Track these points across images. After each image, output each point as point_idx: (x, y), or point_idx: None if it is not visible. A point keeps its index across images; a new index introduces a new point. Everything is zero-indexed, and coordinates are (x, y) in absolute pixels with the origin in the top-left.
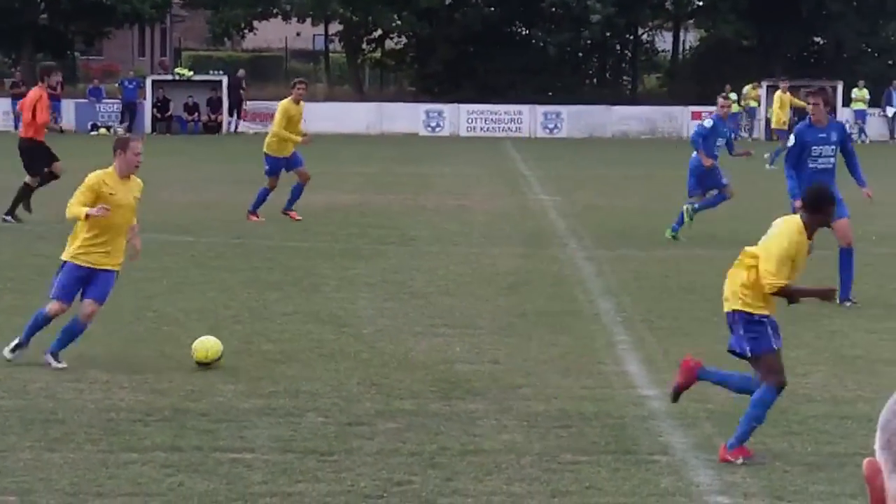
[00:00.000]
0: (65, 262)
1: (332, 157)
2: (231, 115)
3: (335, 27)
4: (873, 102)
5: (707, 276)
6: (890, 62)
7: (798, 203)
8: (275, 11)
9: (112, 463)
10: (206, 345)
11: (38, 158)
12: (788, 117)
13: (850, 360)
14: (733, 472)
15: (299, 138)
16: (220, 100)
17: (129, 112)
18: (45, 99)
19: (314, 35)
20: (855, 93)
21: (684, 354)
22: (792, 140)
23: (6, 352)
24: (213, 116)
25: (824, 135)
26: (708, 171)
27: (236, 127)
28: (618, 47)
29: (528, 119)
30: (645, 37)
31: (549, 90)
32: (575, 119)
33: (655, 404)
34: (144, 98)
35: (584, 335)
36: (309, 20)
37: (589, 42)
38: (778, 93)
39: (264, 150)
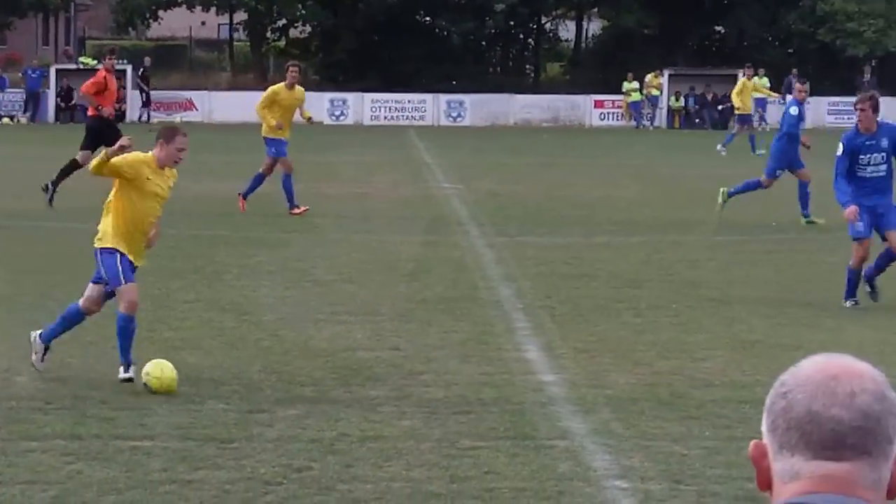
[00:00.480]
0: (113, 249)
1: (235, 146)
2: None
3: (240, 16)
4: (774, 91)
5: (609, 263)
6: (790, 50)
7: (849, 210)
8: (179, 0)
9: (11, 451)
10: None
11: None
12: (750, 104)
13: (749, 345)
14: (631, 457)
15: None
16: (123, 89)
17: (33, 101)
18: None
19: (219, 24)
20: (755, 81)
21: (585, 340)
22: (840, 149)
23: (127, 375)
24: (116, 105)
25: (873, 141)
26: (791, 154)
27: (144, 116)
28: (521, 36)
29: (431, 108)
30: (548, 26)
31: (453, 79)
32: (478, 107)
33: (554, 390)
34: (48, 87)
35: (484, 321)
36: (213, 9)
37: (493, 31)
38: (742, 79)
39: (263, 134)
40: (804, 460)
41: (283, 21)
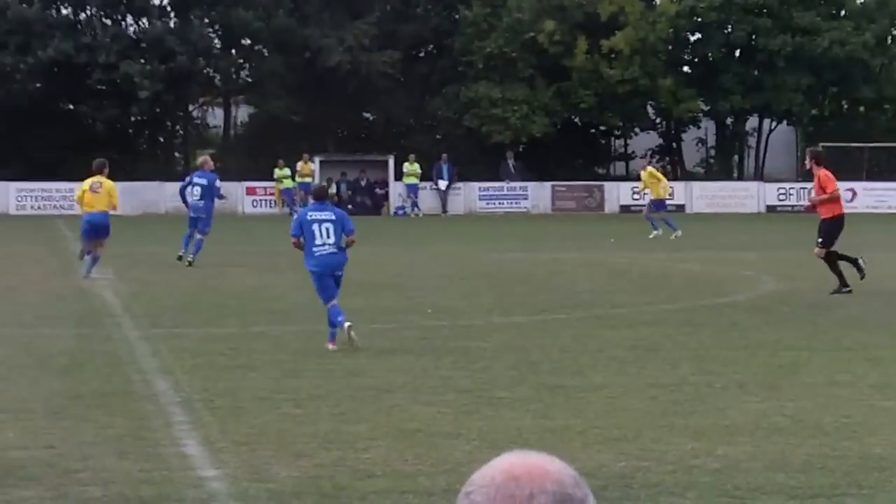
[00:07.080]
0: None
1: None
2: None
3: None
4: (425, 176)
5: (266, 354)
6: (438, 136)
7: None
8: None
9: None
10: None
11: None
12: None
13: (410, 434)
14: None
15: None
16: None
17: None
18: None
19: None
20: (406, 167)
21: (245, 433)
22: None
23: None
24: None
25: None
26: None
27: None
28: (168, 123)
29: None
30: (196, 113)
31: None
32: (129, 196)
33: (215, 485)
34: None
35: (141, 416)
36: None
37: (139, 118)
38: (650, 168)
39: None
40: None
41: None
